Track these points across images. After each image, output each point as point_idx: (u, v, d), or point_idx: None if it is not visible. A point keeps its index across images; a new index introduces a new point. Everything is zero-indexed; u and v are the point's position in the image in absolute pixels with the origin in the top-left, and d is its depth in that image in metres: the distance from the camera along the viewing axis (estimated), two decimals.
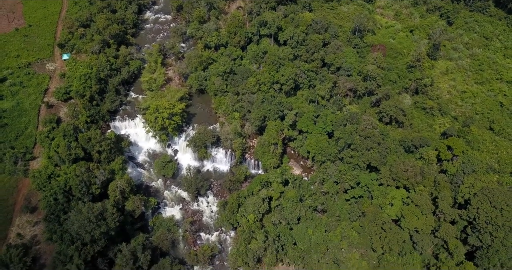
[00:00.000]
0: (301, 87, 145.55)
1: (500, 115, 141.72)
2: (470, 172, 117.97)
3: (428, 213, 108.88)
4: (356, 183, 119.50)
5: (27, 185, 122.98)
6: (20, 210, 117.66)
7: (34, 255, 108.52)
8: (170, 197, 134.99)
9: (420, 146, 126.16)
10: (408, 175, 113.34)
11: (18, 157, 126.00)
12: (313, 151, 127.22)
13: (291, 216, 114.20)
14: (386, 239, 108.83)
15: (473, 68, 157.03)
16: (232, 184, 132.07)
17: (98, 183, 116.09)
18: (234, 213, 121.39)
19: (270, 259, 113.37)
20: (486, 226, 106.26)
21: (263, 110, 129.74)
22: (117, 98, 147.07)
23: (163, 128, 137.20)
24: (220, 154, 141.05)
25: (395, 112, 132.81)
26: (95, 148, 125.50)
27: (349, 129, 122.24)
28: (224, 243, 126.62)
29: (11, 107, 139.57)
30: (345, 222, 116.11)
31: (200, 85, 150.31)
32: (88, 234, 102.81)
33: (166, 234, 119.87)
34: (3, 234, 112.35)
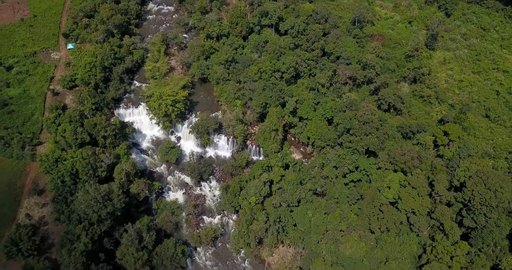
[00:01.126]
0: (301, 75, 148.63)
1: (496, 103, 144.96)
2: (465, 156, 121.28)
3: (424, 194, 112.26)
4: (355, 167, 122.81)
5: (35, 168, 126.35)
6: (28, 192, 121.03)
7: (42, 235, 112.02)
8: (173, 182, 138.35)
9: (417, 131, 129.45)
10: (405, 158, 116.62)
11: (25, 142, 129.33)
12: (313, 136, 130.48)
13: (292, 198, 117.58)
14: (383, 220, 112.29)
15: (470, 58, 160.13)
16: (234, 169, 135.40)
17: (104, 166, 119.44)
18: (236, 196, 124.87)
19: (271, 240, 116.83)
20: (480, 208, 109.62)
21: (264, 97, 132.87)
22: (121, 86, 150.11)
23: (167, 115, 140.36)
24: (222, 140, 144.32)
25: (394, 99, 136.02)
26: (101, 133, 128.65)
27: (348, 115, 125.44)
28: (226, 226, 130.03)
29: (17, 95, 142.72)
30: (344, 205, 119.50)
31: (203, 74, 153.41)
32: (95, 213, 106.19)
33: (170, 217, 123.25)
34: (12, 215, 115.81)
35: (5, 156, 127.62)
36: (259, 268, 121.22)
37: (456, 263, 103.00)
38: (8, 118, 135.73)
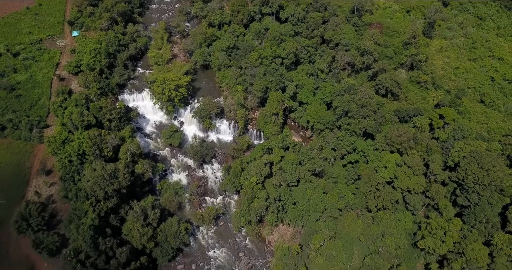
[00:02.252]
0: (301, 62, 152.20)
1: (491, 89, 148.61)
2: (460, 138, 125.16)
3: (419, 174, 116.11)
4: (352, 149, 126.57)
5: (42, 150, 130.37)
6: (36, 172, 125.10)
7: (50, 212, 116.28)
8: (176, 165, 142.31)
9: (414, 115, 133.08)
10: (402, 140, 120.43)
11: (33, 125, 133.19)
12: (312, 120, 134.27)
13: (291, 178, 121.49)
14: (380, 199, 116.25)
15: (467, 46, 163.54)
16: (236, 152, 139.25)
17: (110, 147, 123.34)
18: (237, 177, 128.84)
19: (272, 217, 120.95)
20: (473, 186, 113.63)
21: (265, 81, 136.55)
22: (125, 73, 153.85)
23: (170, 100, 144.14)
24: (224, 125, 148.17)
25: (391, 84, 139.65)
26: (106, 116, 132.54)
27: (346, 99, 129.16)
28: (228, 206, 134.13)
29: (24, 80, 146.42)
30: (342, 185, 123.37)
31: (205, 61, 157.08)
32: (102, 190, 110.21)
33: (173, 197, 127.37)
34: (22, 193, 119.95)
35: (14, 137, 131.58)
36: (259, 246, 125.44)
37: (449, 238, 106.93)
38: (16, 103, 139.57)
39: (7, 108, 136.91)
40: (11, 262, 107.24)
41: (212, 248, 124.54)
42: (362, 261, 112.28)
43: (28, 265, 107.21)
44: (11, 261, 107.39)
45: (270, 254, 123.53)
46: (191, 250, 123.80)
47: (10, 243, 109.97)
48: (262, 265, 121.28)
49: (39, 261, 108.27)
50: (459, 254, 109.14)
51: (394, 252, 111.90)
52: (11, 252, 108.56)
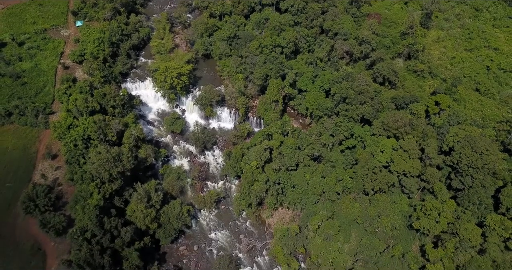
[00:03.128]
0: (300, 51, 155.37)
1: (487, 78, 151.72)
2: (455, 123, 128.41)
3: (415, 157, 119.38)
4: (350, 134, 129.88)
5: (48, 135, 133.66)
6: (42, 157, 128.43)
7: (56, 195, 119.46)
8: (178, 151, 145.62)
9: (410, 102, 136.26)
10: (398, 125, 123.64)
11: (38, 111, 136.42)
12: (311, 106, 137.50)
13: (290, 162, 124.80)
14: (376, 181, 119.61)
15: (463, 36, 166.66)
16: (236, 139, 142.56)
17: (114, 131, 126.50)
18: (238, 161, 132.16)
19: (271, 200, 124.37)
20: (467, 169, 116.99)
21: (265, 69, 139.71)
22: (128, 61, 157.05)
23: (172, 87, 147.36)
24: (224, 113, 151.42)
25: (388, 72, 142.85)
26: (110, 103, 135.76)
27: (344, 86, 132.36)
28: (229, 190, 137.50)
29: (30, 68, 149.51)
30: (340, 169, 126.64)
31: (206, 50, 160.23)
32: (107, 172, 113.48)
33: (176, 181, 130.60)
34: (28, 176, 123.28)
35: (20, 123, 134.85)
36: (259, 228, 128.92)
37: (443, 219, 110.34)
38: (22, 90, 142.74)
39: (13, 95, 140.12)
40: (19, 241, 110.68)
41: (213, 230, 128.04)
42: (359, 242, 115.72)
43: (35, 244, 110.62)
44: (18, 240, 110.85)
45: (270, 236, 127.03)
46: (193, 232, 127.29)
47: (18, 223, 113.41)
48: (262, 246, 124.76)
49: (46, 241, 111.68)
50: (452, 234, 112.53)
51: (390, 233, 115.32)
52: (18, 231, 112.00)
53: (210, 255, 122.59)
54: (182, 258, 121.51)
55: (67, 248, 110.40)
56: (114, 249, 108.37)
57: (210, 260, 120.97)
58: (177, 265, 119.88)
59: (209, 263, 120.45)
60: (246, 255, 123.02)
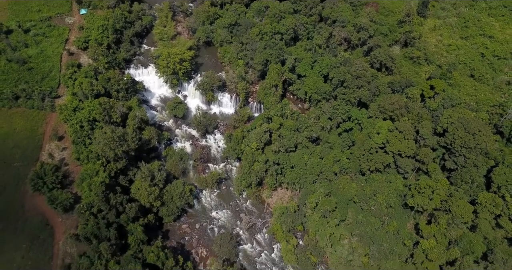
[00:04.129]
0: (300, 38, 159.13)
1: (481, 64, 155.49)
2: (449, 106, 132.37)
3: (410, 138, 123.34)
4: (347, 117, 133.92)
5: (54, 118, 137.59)
6: (49, 138, 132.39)
7: (63, 174, 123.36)
8: (181, 135, 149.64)
9: (406, 86, 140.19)
10: (394, 107, 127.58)
11: (45, 94, 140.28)
12: (310, 91, 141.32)
13: (289, 143, 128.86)
14: (372, 161, 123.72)
15: (459, 25, 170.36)
16: (237, 122, 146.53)
17: (118, 114, 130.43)
18: (239, 144, 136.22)
19: (271, 180, 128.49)
20: (460, 149, 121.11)
21: (265, 54, 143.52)
22: (132, 48, 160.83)
23: (174, 73, 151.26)
24: (225, 98, 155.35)
25: (385, 58, 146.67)
26: (114, 87, 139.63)
27: (342, 70, 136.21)
28: (229, 172, 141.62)
29: (35, 54, 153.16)
30: (337, 150, 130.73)
31: (207, 37, 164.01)
32: (112, 151, 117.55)
33: (178, 162, 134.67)
34: (36, 156, 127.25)
35: (27, 106, 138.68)
36: (259, 208, 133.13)
37: (436, 196, 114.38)
38: (28, 75, 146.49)
39: (20, 80, 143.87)
40: (27, 217, 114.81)
41: (215, 210, 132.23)
42: (355, 220, 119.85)
43: (43, 220, 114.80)
44: (27, 216, 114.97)
45: (269, 215, 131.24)
46: (195, 211, 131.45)
47: (26, 200, 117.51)
48: (261, 224, 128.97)
49: (54, 217, 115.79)
50: (445, 211, 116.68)
51: (385, 210, 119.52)
52: (27, 207, 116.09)
53: (211, 233, 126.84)
54: (185, 236, 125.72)
55: (74, 223, 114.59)
56: (120, 224, 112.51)
57: (211, 238, 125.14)
58: (179, 242, 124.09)
59: (210, 240, 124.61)
60: (247, 233, 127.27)
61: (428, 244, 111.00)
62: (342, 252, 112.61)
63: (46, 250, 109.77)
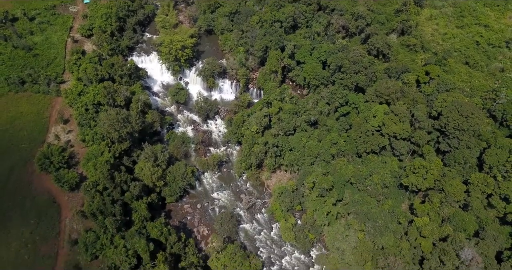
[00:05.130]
0: (299, 26, 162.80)
1: (476, 52, 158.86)
2: (443, 91, 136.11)
3: (405, 120, 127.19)
4: (345, 101, 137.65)
5: (60, 102, 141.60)
6: (55, 121, 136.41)
7: (69, 155, 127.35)
8: (182, 120, 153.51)
9: (402, 72, 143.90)
10: (390, 91, 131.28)
11: (50, 79, 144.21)
12: (308, 76, 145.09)
13: (288, 126, 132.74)
14: (368, 143, 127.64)
15: (455, 14, 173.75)
16: (237, 108, 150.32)
17: (122, 97, 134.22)
18: (239, 127, 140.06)
19: (270, 162, 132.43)
20: (454, 132, 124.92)
21: (265, 41, 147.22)
22: (134, 36, 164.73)
23: (176, 59, 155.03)
24: (226, 84, 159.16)
25: (382, 45, 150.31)
26: (118, 72, 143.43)
27: (340, 56, 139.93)
28: (230, 156, 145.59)
29: (41, 41, 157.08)
30: (335, 134, 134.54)
31: (208, 26, 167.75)
32: (117, 132, 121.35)
33: (181, 145, 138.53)
34: (42, 138, 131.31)
35: (33, 91, 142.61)
36: (259, 189, 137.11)
37: (430, 175, 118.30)
38: (34, 61, 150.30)
39: (26, 66, 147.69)
40: (35, 195, 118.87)
41: (216, 191, 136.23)
42: (352, 200, 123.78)
43: (50, 198, 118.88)
44: (34, 194, 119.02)
45: (269, 196, 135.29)
46: (197, 192, 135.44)
47: (34, 179, 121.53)
48: (261, 204, 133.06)
49: (60, 195, 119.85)
50: (439, 191, 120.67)
51: (381, 190, 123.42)
52: (34, 186, 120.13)
53: (212, 213, 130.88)
54: (187, 215, 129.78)
55: (80, 201, 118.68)
56: (124, 202, 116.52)
57: (212, 217, 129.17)
58: (181, 221, 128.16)
59: (211, 219, 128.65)
60: (247, 213, 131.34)
61: (422, 222, 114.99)
62: (338, 228, 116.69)
63: (54, 226, 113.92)
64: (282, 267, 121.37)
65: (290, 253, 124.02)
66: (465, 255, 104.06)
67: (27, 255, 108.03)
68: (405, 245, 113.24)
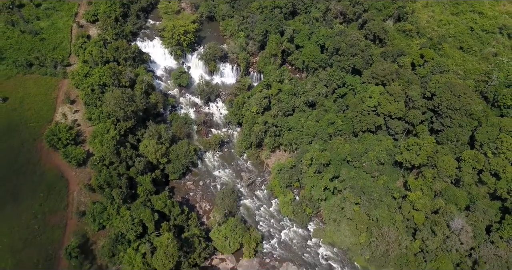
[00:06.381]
0: (298, 13, 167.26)
1: (470, 37, 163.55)
2: (437, 72, 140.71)
3: (400, 100, 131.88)
4: (342, 83, 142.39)
5: (66, 83, 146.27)
6: (62, 102, 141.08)
7: (76, 133, 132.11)
8: (185, 102, 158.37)
9: (398, 55, 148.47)
10: (385, 72, 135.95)
11: (57, 62, 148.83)
12: (307, 59, 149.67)
13: (287, 106, 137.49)
14: (364, 122, 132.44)
15: (451, 2, 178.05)
16: (238, 90, 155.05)
17: (127, 78, 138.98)
18: (240, 108, 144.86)
19: (269, 140, 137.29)
20: (446, 111, 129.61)
21: (265, 25, 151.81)
22: (138, 22, 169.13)
23: (179, 44, 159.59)
24: (227, 68, 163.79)
25: (378, 30, 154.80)
26: (122, 55, 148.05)
27: (337, 39, 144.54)
28: (231, 136, 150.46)
29: (47, 26, 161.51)
30: (332, 114, 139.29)
31: (210, 12, 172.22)
32: (122, 110, 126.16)
33: (183, 125, 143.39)
34: (50, 117, 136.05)
35: (40, 73, 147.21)
36: (259, 167, 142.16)
37: (423, 152, 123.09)
38: (40, 45, 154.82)
39: (33, 49, 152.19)
40: (44, 170, 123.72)
41: (217, 169, 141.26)
42: (348, 176, 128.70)
43: (58, 173, 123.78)
44: (43, 169, 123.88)
45: (268, 174, 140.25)
46: (199, 170, 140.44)
47: (42, 155, 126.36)
48: (261, 181, 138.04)
49: (68, 170, 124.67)
50: (431, 167, 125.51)
51: (376, 167, 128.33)
52: (43, 161, 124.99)
53: (214, 189, 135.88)
54: (189, 191, 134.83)
55: (87, 176, 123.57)
56: (129, 176, 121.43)
57: (214, 193, 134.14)
58: (184, 197, 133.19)
59: (213, 195, 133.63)
60: (247, 189, 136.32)
61: (415, 196, 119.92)
62: (335, 200, 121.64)
63: (62, 199, 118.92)
64: (281, 240, 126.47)
65: (288, 227, 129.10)
66: (455, 225, 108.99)
67: (37, 225, 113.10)
68: (399, 217, 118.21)
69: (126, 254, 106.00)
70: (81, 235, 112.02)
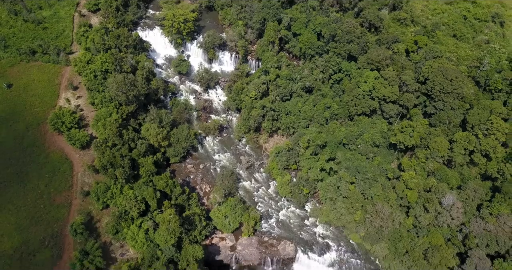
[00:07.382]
0: (295, 2, 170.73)
1: (463, 26, 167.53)
2: (431, 58, 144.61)
3: (394, 84, 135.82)
4: (338, 69, 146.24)
5: (69, 71, 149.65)
6: (65, 88, 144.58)
7: (80, 117, 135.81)
8: (185, 89, 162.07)
9: (392, 42, 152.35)
10: (380, 58, 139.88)
11: (60, 50, 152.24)
12: (304, 46, 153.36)
13: (285, 91, 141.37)
14: (359, 106, 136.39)
15: None
16: (237, 77, 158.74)
17: (128, 64, 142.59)
18: (238, 94, 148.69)
19: (267, 125, 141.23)
20: (439, 94, 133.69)
21: (263, 13, 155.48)
22: (138, 11, 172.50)
23: (179, 32, 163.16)
24: (226, 56, 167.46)
25: (374, 17, 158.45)
26: (123, 43, 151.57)
27: (333, 26, 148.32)
28: (230, 122, 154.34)
29: (49, 15, 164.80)
30: (329, 99, 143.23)
31: (209, 2, 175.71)
32: (124, 94, 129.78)
33: (184, 110, 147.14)
34: (54, 102, 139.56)
35: (43, 61, 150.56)
36: (257, 151, 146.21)
37: (416, 133, 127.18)
38: (43, 33, 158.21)
39: (36, 38, 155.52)
40: (48, 152, 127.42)
41: (217, 153, 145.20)
42: (343, 158, 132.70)
43: (62, 155, 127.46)
44: (48, 152, 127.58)
45: (266, 157, 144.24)
46: (199, 154, 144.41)
47: (47, 138, 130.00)
48: (259, 164, 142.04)
49: (72, 153, 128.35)
50: (424, 148, 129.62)
51: (371, 148, 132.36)
52: (47, 144, 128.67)
53: (214, 172, 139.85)
54: (190, 174, 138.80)
55: (90, 158, 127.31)
56: (132, 158, 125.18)
57: (214, 176, 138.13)
58: (185, 179, 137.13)
59: (213, 178, 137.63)
60: (246, 172, 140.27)
61: (408, 175, 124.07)
62: (330, 180, 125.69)
63: (66, 180, 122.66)
64: (279, 219, 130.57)
65: (286, 207, 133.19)
66: (447, 201, 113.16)
67: (42, 205, 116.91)
68: (393, 196, 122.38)
69: (129, 231, 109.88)
70: (85, 214, 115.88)
